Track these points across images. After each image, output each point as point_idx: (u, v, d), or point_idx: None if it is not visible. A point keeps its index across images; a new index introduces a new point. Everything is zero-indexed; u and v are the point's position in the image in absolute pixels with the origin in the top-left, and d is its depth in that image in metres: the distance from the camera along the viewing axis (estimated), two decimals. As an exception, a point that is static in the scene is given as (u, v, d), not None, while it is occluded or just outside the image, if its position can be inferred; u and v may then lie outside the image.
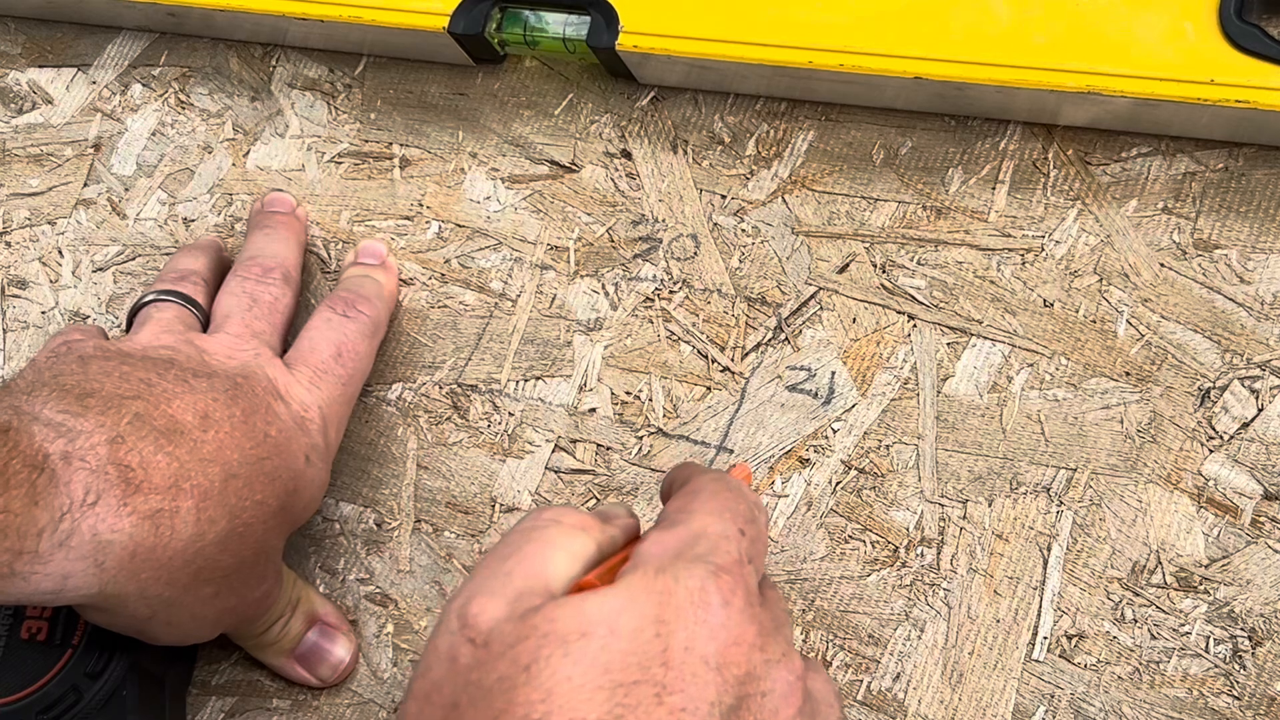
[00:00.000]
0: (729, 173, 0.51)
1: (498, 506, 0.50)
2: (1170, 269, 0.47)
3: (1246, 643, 0.43)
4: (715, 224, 0.51)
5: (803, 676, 0.34)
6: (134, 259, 0.57)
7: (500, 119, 0.55)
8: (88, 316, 0.57)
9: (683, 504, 0.37)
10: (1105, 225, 0.47)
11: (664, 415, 0.50)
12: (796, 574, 0.47)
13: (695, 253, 0.51)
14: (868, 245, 0.49)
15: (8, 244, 0.59)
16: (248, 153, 0.57)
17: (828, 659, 0.46)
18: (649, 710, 0.30)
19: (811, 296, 0.50)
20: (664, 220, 0.52)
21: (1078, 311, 0.47)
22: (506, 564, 0.34)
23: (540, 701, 0.30)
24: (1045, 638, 0.45)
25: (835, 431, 0.48)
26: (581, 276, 0.52)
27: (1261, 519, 0.44)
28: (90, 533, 0.40)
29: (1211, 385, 0.45)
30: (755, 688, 0.33)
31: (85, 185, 0.59)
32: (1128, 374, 0.46)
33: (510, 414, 0.51)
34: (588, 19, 0.51)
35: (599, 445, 0.50)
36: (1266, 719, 0.42)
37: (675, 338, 0.50)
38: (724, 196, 0.51)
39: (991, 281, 0.48)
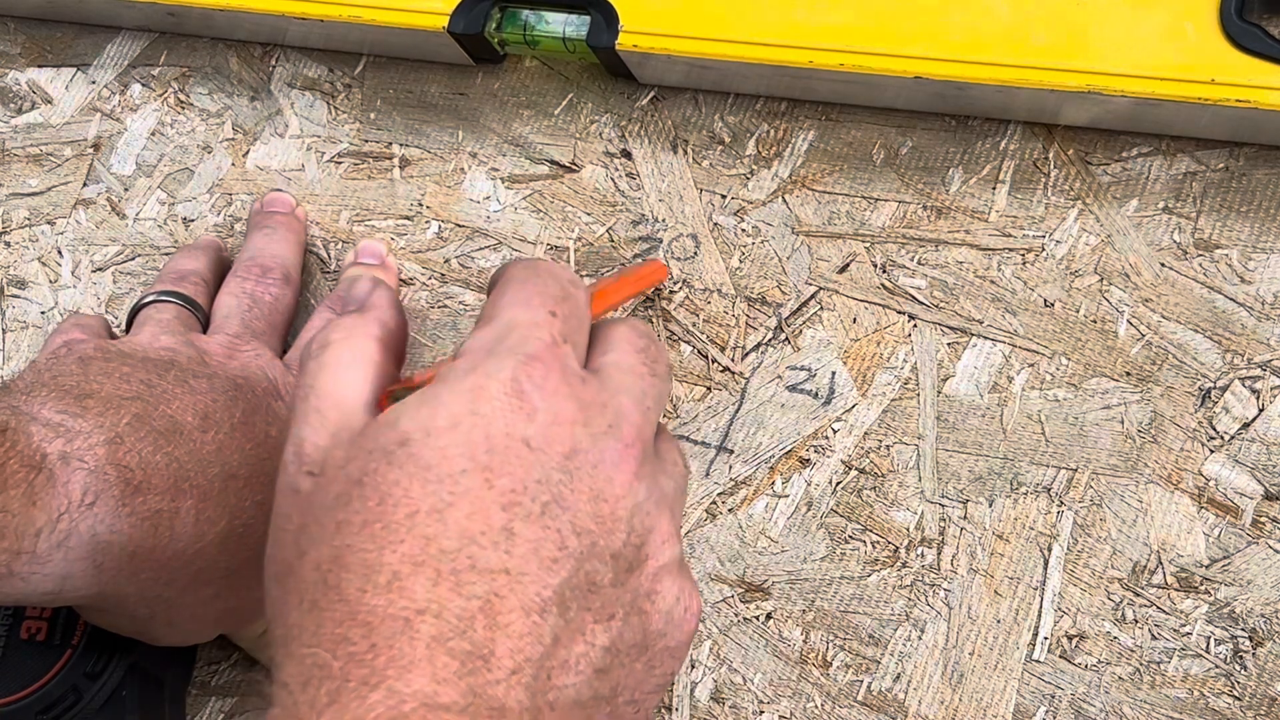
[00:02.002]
0: (729, 172, 0.51)
1: (498, 507, 0.50)
2: (1171, 269, 0.46)
3: (1247, 643, 0.43)
4: (715, 224, 0.51)
5: (635, 444, 0.35)
6: (133, 259, 0.57)
7: (500, 119, 0.55)
8: (87, 316, 0.57)
9: (494, 298, 0.37)
10: (1106, 225, 0.47)
11: (664, 415, 0.50)
12: (797, 574, 0.47)
13: (695, 252, 0.51)
14: (868, 245, 0.49)
15: (7, 244, 0.59)
16: (247, 152, 0.57)
17: (828, 659, 0.46)
18: (480, 494, 0.32)
19: (812, 296, 0.50)
20: (664, 220, 0.52)
21: (1078, 311, 0.47)
22: (311, 403, 0.36)
23: (376, 505, 0.32)
24: (1046, 638, 0.44)
25: (835, 432, 0.48)
26: (582, 276, 0.52)
27: (1262, 519, 0.44)
28: (89, 533, 0.40)
29: (1212, 385, 0.45)
30: (583, 460, 0.34)
31: (85, 185, 0.59)
32: (1128, 374, 0.46)
33: (510, 414, 0.51)
34: (588, 18, 0.50)
35: (599, 445, 0.50)
36: (1267, 719, 0.42)
37: (675, 337, 0.50)
38: (724, 196, 0.51)
39: (992, 281, 0.48)
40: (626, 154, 0.53)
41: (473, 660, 0.30)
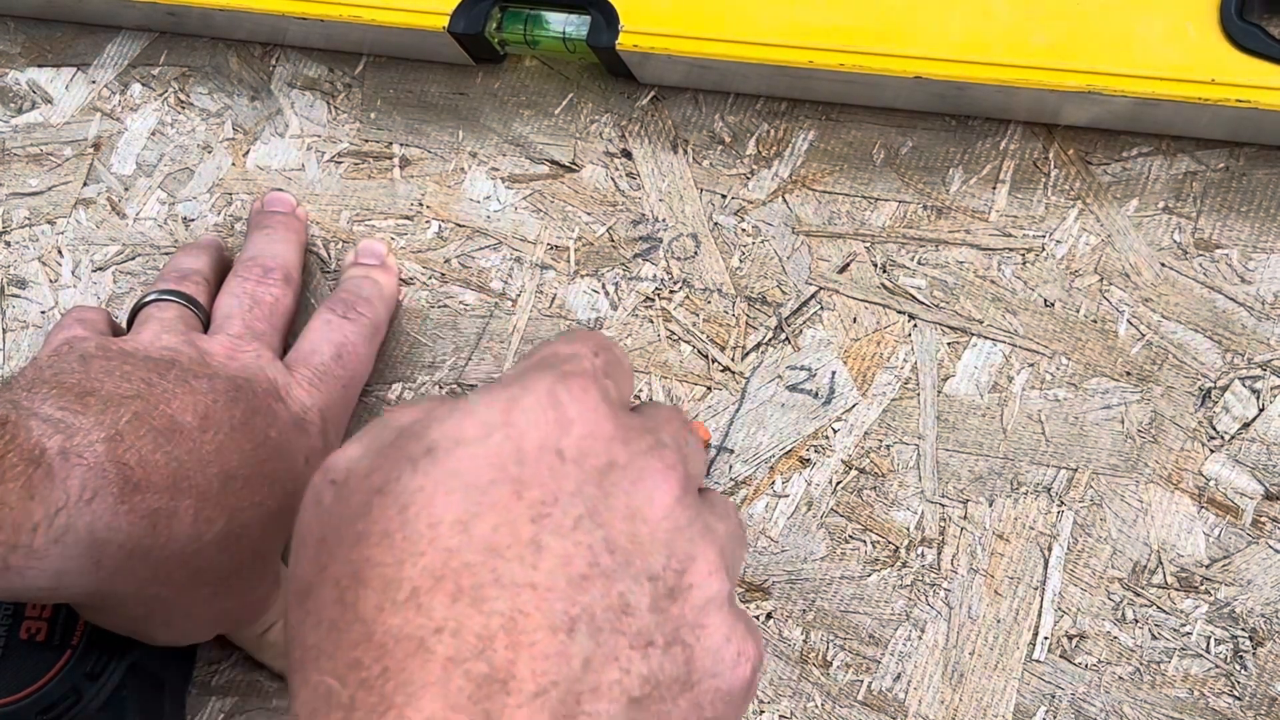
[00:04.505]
0: (729, 172, 0.51)
1: (497, 506, 0.50)
2: (1171, 269, 0.46)
3: (1247, 643, 0.43)
4: (715, 223, 0.51)
5: (677, 467, 0.33)
6: (133, 259, 0.57)
7: (500, 118, 0.55)
8: (87, 316, 0.57)
9: (534, 350, 0.37)
10: (1106, 225, 0.47)
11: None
12: (797, 574, 0.47)
13: (695, 252, 0.51)
14: (868, 245, 0.49)
15: (7, 243, 0.59)
16: (247, 152, 0.57)
17: (828, 659, 0.46)
18: (508, 506, 0.30)
19: (812, 296, 0.49)
20: (664, 220, 0.52)
21: (1078, 311, 0.47)
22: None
23: (397, 514, 0.30)
24: (1046, 638, 0.44)
25: (836, 431, 0.48)
26: (582, 276, 0.52)
27: (1262, 519, 0.44)
28: (86, 530, 0.40)
29: (1212, 385, 0.45)
30: (621, 476, 0.32)
31: (85, 185, 0.59)
32: (1128, 374, 0.46)
33: (510, 414, 0.51)
34: (588, 18, 0.51)
35: (599, 445, 0.50)
36: (1268, 719, 0.42)
37: (675, 337, 0.50)
38: (724, 196, 0.51)
39: (992, 281, 0.48)
40: (626, 154, 0.53)
41: (490, 684, 0.29)
